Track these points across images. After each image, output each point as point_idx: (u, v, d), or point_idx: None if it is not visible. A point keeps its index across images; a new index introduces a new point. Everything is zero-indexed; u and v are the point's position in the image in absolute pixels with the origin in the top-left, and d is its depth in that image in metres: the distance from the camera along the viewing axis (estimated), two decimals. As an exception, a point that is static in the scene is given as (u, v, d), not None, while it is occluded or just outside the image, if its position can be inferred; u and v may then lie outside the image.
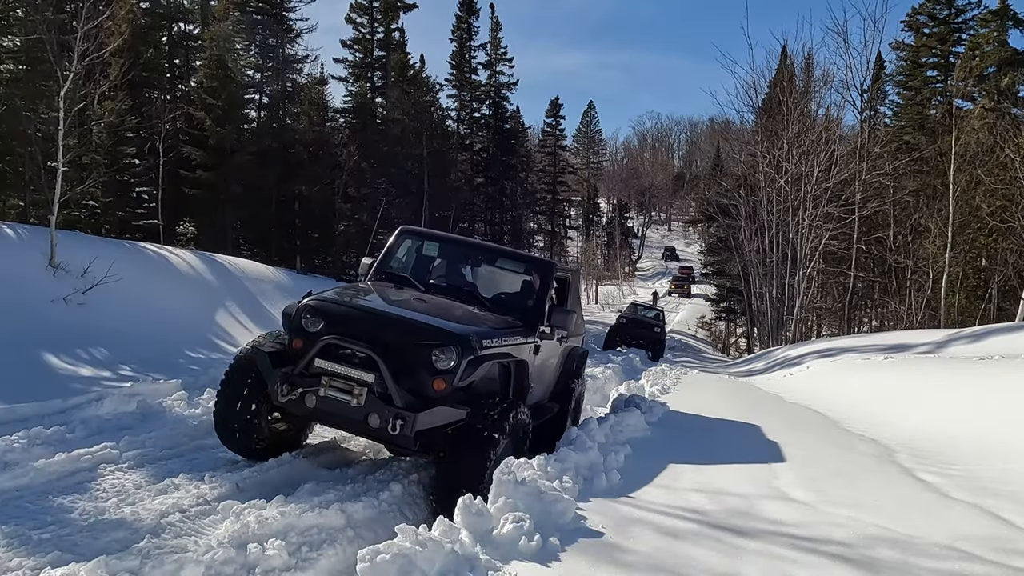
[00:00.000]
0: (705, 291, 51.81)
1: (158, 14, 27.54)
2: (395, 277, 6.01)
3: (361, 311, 4.95)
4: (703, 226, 57.56)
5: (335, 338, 4.61)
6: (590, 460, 5.22)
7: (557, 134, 51.36)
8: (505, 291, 6.22)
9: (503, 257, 6.52)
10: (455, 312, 5.29)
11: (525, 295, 6.06)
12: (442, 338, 4.65)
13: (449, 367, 4.56)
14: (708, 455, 6.06)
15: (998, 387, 7.88)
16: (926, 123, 29.23)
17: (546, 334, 5.73)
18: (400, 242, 6.39)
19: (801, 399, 10.81)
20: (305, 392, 4.58)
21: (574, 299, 7.17)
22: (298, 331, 4.85)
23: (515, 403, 4.91)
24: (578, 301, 7.59)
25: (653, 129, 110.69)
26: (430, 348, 4.59)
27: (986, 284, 24.50)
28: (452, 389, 4.57)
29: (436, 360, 4.57)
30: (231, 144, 24.23)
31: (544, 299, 5.86)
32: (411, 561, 3.08)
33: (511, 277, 6.27)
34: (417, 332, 4.71)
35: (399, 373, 4.52)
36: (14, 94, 16.63)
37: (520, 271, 6.24)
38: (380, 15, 33.31)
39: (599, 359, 16.65)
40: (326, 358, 4.60)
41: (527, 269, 6.24)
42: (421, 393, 4.56)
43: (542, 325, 5.72)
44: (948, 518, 4.37)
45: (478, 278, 6.28)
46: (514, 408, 4.80)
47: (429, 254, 6.42)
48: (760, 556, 3.68)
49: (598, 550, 3.68)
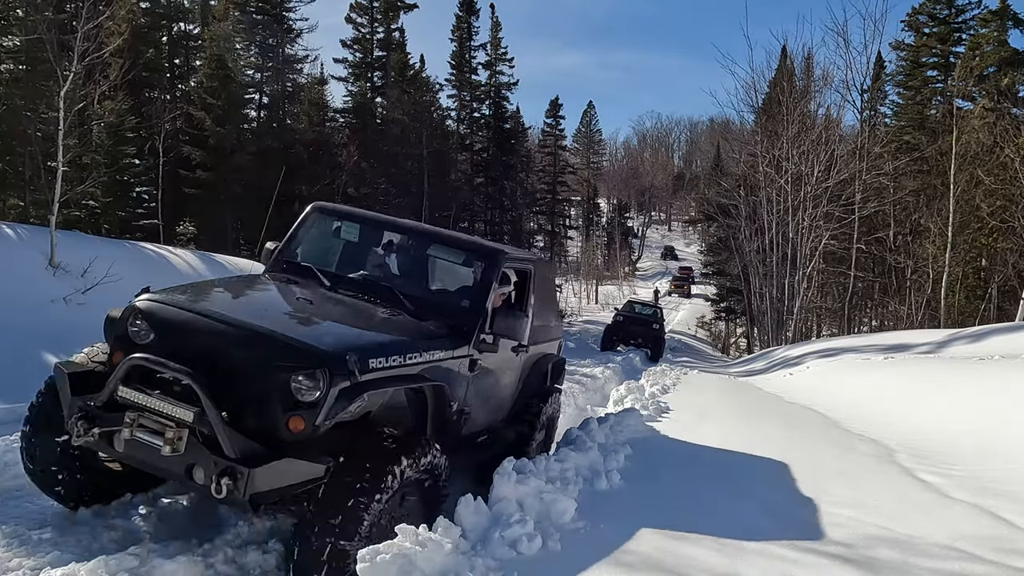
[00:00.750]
0: (705, 291, 51.82)
1: (158, 14, 27.57)
2: (297, 268, 4.60)
3: (197, 317, 3.47)
4: (703, 226, 57.58)
5: (142, 358, 3.27)
6: (590, 460, 5.21)
7: (557, 134, 51.37)
8: (440, 287, 4.92)
9: (437, 243, 4.87)
10: (349, 318, 4.02)
11: (462, 294, 4.70)
12: (301, 356, 3.23)
13: (314, 398, 3.16)
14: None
15: (998, 387, 7.88)
16: (926, 123, 29.24)
17: (487, 344, 4.30)
18: (310, 223, 4.93)
19: (801, 399, 10.82)
20: (109, 432, 3.25)
21: (544, 297, 5.76)
22: (122, 342, 3.51)
23: (418, 444, 3.50)
24: (552, 301, 6.29)
25: (653, 129, 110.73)
26: (286, 371, 3.19)
27: (986, 284, 24.50)
28: (314, 430, 3.17)
29: (297, 389, 3.18)
30: (231, 144, 24.25)
31: (484, 299, 4.42)
32: (411, 561, 3.08)
33: (450, 269, 4.90)
34: (267, 348, 3.27)
35: (242, 407, 3.18)
36: (14, 94, 16.63)
37: (458, 261, 4.78)
38: (380, 15, 33.33)
39: (599, 359, 16.65)
40: (133, 385, 3.25)
41: (467, 259, 4.75)
42: (273, 436, 3.17)
43: (483, 333, 4.30)
44: (948, 518, 4.37)
45: (406, 270, 4.85)
46: (414, 452, 3.42)
47: (348, 238, 4.96)
48: (760, 556, 3.68)
49: (598, 550, 3.68)
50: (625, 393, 9.59)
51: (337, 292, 4.35)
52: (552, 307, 6.22)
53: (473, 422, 4.59)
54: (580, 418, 7.85)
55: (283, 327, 3.50)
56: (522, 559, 3.45)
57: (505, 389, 5.15)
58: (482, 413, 4.75)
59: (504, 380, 5.07)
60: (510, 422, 5.35)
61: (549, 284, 6.13)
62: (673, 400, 9.71)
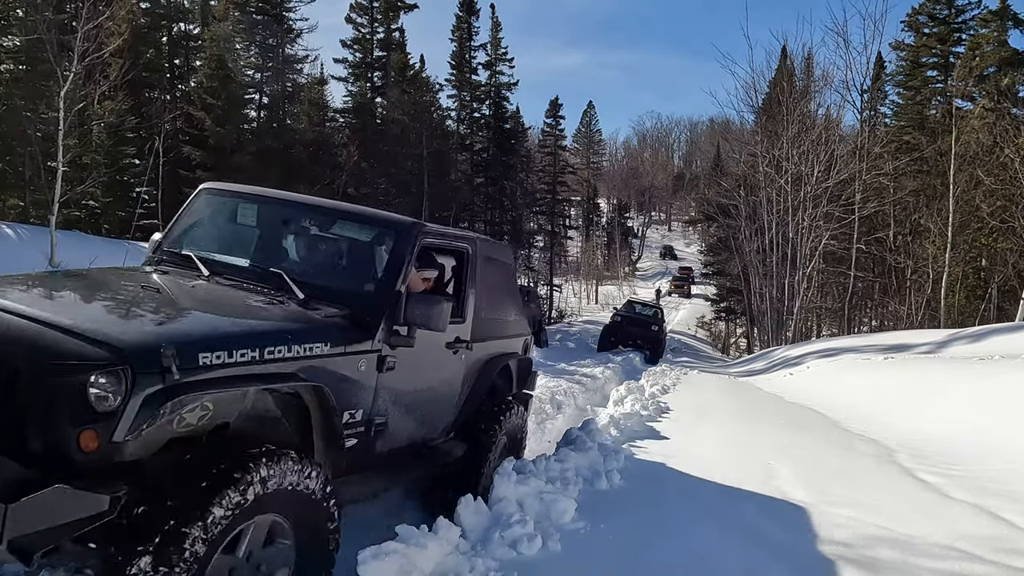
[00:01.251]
0: (705, 291, 51.84)
1: (158, 14, 27.57)
2: (175, 257, 3.89)
3: None
4: (703, 226, 57.60)
5: None
6: (590, 460, 5.21)
7: (557, 134, 51.26)
8: (345, 272, 3.98)
9: (341, 220, 4.08)
10: (195, 308, 3.28)
11: (367, 277, 3.82)
12: (96, 351, 2.45)
13: (111, 406, 2.38)
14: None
15: (998, 387, 7.88)
16: (926, 123, 29.24)
17: (402, 338, 3.49)
18: (199, 207, 4.21)
19: (801, 399, 10.82)
20: None
21: (495, 285, 4.86)
22: None
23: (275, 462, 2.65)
24: (509, 291, 5.29)
25: (653, 129, 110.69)
26: (77, 372, 2.40)
27: (986, 284, 24.50)
28: (112, 448, 2.38)
29: (93, 394, 2.38)
30: (231, 144, 24.24)
31: (393, 282, 3.57)
32: (411, 561, 3.08)
33: (360, 251, 3.99)
34: (52, 342, 2.50)
35: (24, 420, 2.42)
36: (14, 94, 16.65)
37: (368, 239, 3.95)
38: (380, 15, 33.32)
39: (599, 359, 16.65)
40: None
41: (377, 236, 3.90)
42: (65, 459, 2.38)
43: (395, 323, 3.49)
44: (948, 518, 4.37)
45: (306, 254, 4.08)
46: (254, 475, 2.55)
47: (246, 221, 4.22)
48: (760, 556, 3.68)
49: (598, 550, 3.68)
50: (625, 393, 9.59)
51: (213, 281, 3.57)
52: (510, 298, 5.23)
53: (392, 436, 3.70)
54: (580, 418, 7.86)
55: (82, 318, 2.71)
56: (522, 559, 3.45)
57: (440, 395, 4.22)
58: (406, 425, 3.85)
59: (436, 384, 4.16)
60: (458, 436, 4.45)
61: (503, 270, 5.09)
62: (673, 400, 9.72)
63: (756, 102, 30.48)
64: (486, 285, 4.62)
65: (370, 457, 3.57)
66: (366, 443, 3.49)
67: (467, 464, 4.33)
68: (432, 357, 4.01)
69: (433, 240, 4.05)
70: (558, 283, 49.51)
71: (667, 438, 6.91)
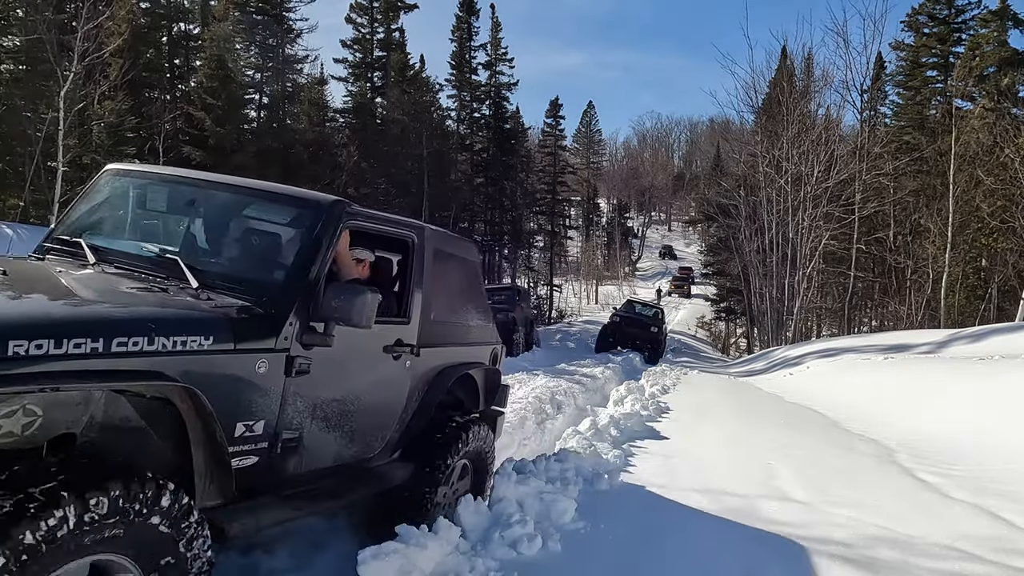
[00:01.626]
0: (705, 291, 51.86)
1: (158, 14, 27.59)
2: (64, 244, 3.38)
3: None
4: (703, 226, 57.63)
5: None
6: (590, 460, 5.22)
7: (557, 134, 51.29)
8: (255, 258, 3.40)
9: (255, 200, 3.54)
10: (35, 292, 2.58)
11: (275, 264, 3.27)
12: None
13: None
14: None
15: (998, 387, 7.88)
16: (926, 123, 29.25)
17: (317, 335, 2.95)
18: (101, 190, 3.68)
19: (801, 399, 10.82)
20: None
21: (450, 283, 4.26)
22: None
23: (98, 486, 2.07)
24: (471, 291, 4.60)
25: (653, 129, 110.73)
26: None
27: (986, 284, 24.51)
28: None
29: None
30: (231, 144, 24.25)
31: (306, 269, 3.03)
32: (411, 561, 3.08)
33: (274, 234, 3.47)
34: None
35: None
36: (14, 94, 16.65)
37: (284, 221, 3.41)
38: (380, 15, 33.33)
39: (599, 359, 16.65)
40: None
41: (295, 219, 3.33)
42: None
43: (312, 319, 2.96)
44: (948, 518, 4.37)
45: (215, 238, 3.52)
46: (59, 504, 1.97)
47: (155, 207, 3.74)
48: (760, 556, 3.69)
49: (598, 550, 3.69)
50: (625, 393, 9.59)
51: (99, 269, 3.08)
52: (473, 301, 4.55)
53: (310, 454, 3.12)
54: (580, 418, 7.86)
55: None
56: (522, 559, 3.46)
57: (377, 407, 3.56)
58: (330, 441, 3.26)
59: (371, 393, 3.49)
60: (404, 456, 3.79)
61: (463, 268, 4.45)
62: (673, 400, 9.72)
63: (756, 102, 30.52)
64: (439, 283, 4.01)
65: (278, 479, 2.98)
66: (271, 462, 2.88)
67: (412, 490, 3.69)
68: (365, 361, 3.43)
69: (364, 224, 3.43)
70: (558, 283, 49.53)
71: (667, 438, 6.91)
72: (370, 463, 3.61)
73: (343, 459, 3.41)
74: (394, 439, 3.72)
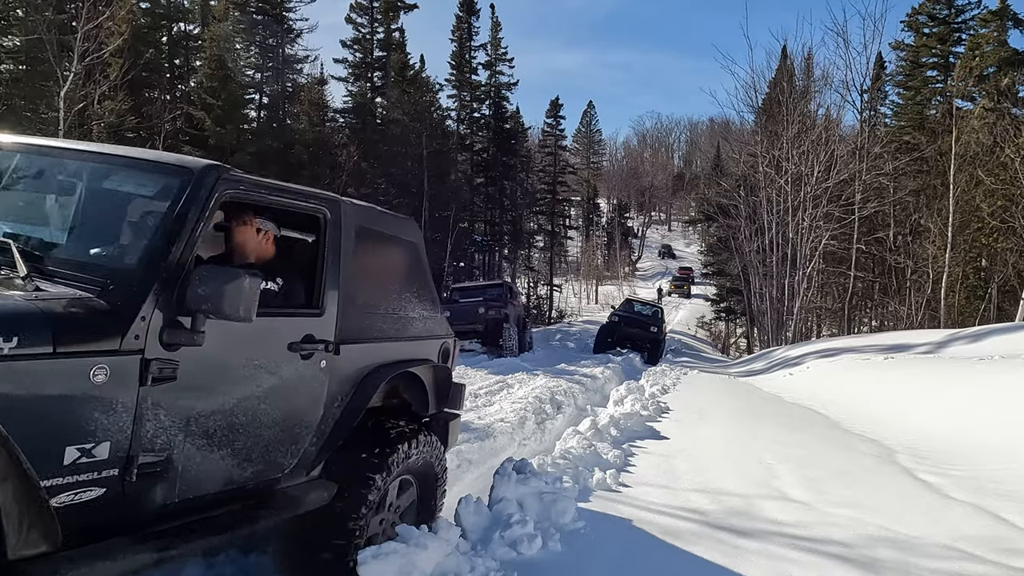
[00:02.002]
0: (705, 291, 51.89)
1: (158, 14, 27.61)
2: None
3: None
4: (703, 226, 57.66)
5: None
6: (591, 460, 5.22)
7: (557, 134, 51.34)
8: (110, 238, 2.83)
9: (116, 169, 2.98)
10: None
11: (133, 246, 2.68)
12: None
13: None
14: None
15: (998, 387, 7.88)
16: (926, 123, 29.25)
17: (184, 332, 2.39)
18: None
19: (801, 399, 10.82)
20: None
21: (380, 267, 3.69)
22: None
23: None
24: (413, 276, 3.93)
25: (653, 129, 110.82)
26: None
27: (986, 284, 24.51)
28: None
29: None
30: (231, 144, 24.26)
31: (166, 251, 2.46)
32: (411, 561, 3.08)
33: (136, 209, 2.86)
34: None
35: None
36: (14, 94, 16.66)
37: (149, 194, 2.84)
38: (380, 15, 33.35)
39: (599, 359, 16.65)
40: None
41: (161, 190, 2.74)
42: None
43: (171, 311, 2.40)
44: (948, 518, 4.37)
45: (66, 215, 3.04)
46: None
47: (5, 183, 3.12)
48: (760, 556, 3.69)
49: (598, 550, 3.69)
50: (625, 393, 9.59)
51: None
52: (415, 288, 3.89)
53: (187, 479, 2.53)
54: (580, 418, 7.87)
55: None
56: (522, 559, 3.46)
57: (281, 417, 2.89)
58: (215, 462, 2.64)
59: (271, 401, 2.82)
60: (326, 475, 3.18)
61: (400, 250, 3.85)
62: (673, 400, 9.72)
63: (756, 102, 30.54)
64: (366, 267, 3.43)
65: (140, 514, 2.39)
66: (125, 493, 2.30)
67: (335, 514, 3.09)
68: (259, 363, 2.76)
69: (250, 194, 2.79)
70: (558, 283, 49.57)
71: (667, 438, 6.91)
72: (279, 484, 2.98)
73: (239, 482, 2.78)
74: (311, 454, 3.08)
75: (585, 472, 4.96)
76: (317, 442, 3.09)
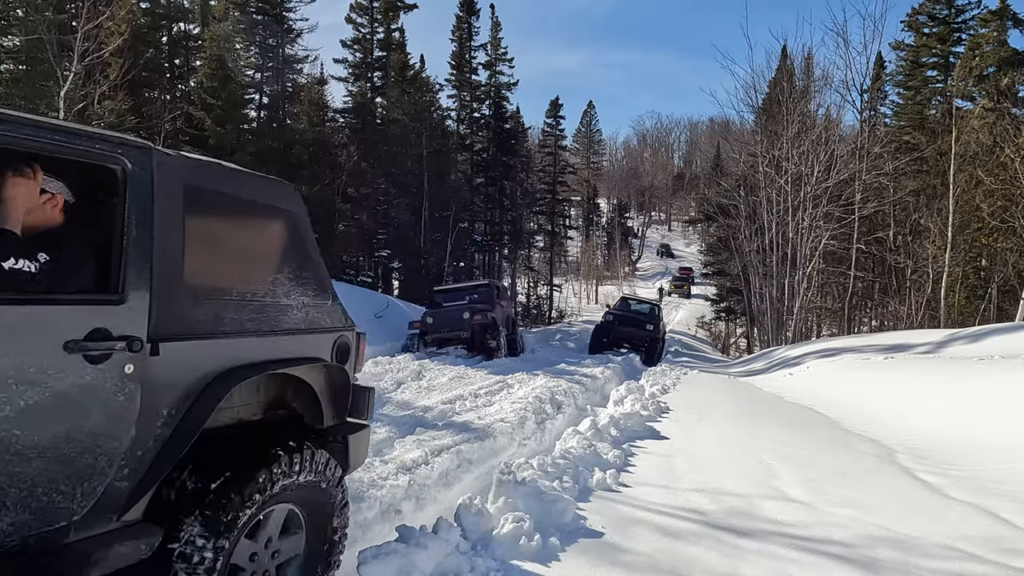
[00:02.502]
0: (705, 291, 51.89)
1: (158, 14, 27.61)
2: None
3: None
4: (703, 226, 57.69)
5: None
6: (591, 460, 5.22)
7: (557, 134, 51.34)
8: None
9: None
10: None
11: None
12: None
13: None
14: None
15: (997, 387, 7.88)
16: (926, 123, 29.25)
17: None
18: None
19: (801, 399, 10.82)
20: None
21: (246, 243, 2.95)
22: None
23: None
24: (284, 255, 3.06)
25: (653, 129, 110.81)
26: None
27: (986, 284, 24.52)
28: None
29: None
30: (231, 144, 24.26)
31: None
32: (411, 561, 3.08)
33: None
34: None
35: None
36: (14, 94, 16.66)
37: None
38: (380, 15, 33.34)
39: (599, 359, 16.64)
40: None
41: None
42: None
43: None
44: (948, 518, 4.37)
45: None
46: None
47: None
48: (760, 556, 3.69)
49: (598, 550, 3.69)
50: (625, 393, 9.59)
51: None
52: (290, 265, 3.05)
53: None
54: (580, 418, 7.86)
55: None
56: (522, 559, 3.45)
57: (57, 446, 2.07)
58: None
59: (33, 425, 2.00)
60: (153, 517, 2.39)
61: (263, 218, 3.02)
62: (673, 400, 9.72)
63: (756, 102, 30.53)
64: (207, 238, 2.64)
65: None
66: None
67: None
68: (9, 371, 1.94)
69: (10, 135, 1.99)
70: (558, 283, 49.58)
71: (667, 438, 6.91)
72: (66, 538, 2.14)
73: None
74: (120, 491, 2.25)
75: (585, 472, 4.96)
76: (130, 475, 2.27)
